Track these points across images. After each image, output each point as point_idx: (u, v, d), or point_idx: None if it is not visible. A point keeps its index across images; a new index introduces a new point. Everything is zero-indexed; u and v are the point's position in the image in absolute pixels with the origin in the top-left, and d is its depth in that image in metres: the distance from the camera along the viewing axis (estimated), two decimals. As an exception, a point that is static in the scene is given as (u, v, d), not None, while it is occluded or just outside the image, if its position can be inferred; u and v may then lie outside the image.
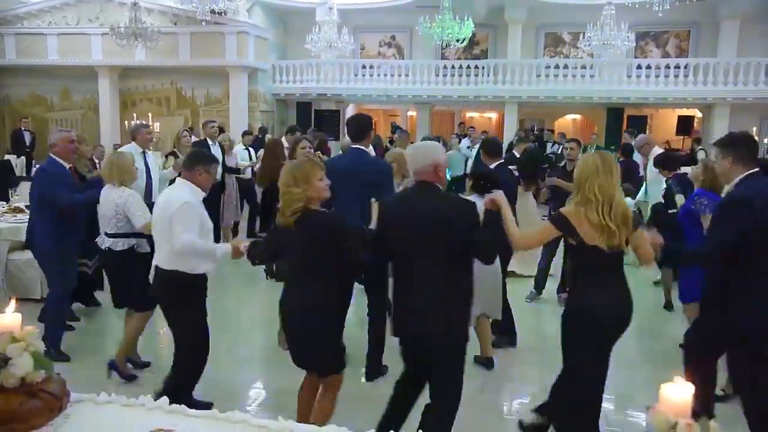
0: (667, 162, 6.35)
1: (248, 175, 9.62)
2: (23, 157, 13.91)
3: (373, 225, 3.38)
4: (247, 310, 6.68)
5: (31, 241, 5.03)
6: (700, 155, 12.01)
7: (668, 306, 6.32)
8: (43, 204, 4.77)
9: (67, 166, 4.88)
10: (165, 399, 2.25)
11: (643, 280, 6.72)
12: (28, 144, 14.55)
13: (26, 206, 7.15)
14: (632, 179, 7.94)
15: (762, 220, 3.09)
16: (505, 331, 5.20)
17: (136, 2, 13.74)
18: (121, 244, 4.37)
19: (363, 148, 4.56)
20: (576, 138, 8.35)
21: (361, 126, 4.61)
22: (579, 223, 2.98)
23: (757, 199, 3.13)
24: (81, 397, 2.25)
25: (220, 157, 7.47)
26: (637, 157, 8.78)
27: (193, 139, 9.07)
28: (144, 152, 6.28)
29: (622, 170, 4.24)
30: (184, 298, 3.70)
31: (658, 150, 7.78)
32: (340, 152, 8.67)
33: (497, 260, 4.24)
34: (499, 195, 3.10)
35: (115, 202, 4.32)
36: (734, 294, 3.21)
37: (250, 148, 10.05)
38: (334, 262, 3.12)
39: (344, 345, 3.35)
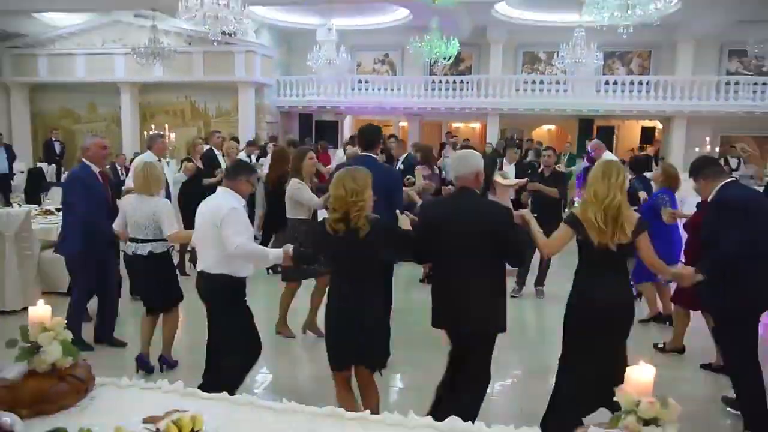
0: (635, 165, 6.65)
1: None
2: (54, 165, 13.90)
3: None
4: (250, 302, 6.68)
5: (60, 243, 4.93)
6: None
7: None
8: (70, 209, 4.72)
9: (98, 170, 4.80)
10: (180, 382, 2.26)
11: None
12: (58, 153, 14.52)
13: (57, 209, 7.18)
14: None
15: (762, 222, 3.43)
16: None
17: (155, 25, 13.71)
18: (161, 247, 4.28)
19: (373, 155, 4.46)
20: (552, 146, 8.40)
21: (372, 135, 4.52)
22: (584, 222, 3.07)
23: (750, 201, 3.55)
24: (104, 380, 2.26)
25: (223, 164, 7.34)
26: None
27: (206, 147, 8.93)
28: (160, 160, 6.20)
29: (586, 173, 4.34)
30: (230, 299, 3.60)
31: (609, 154, 8.24)
32: (344, 160, 8.53)
33: None
34: (526, 212, 3.31)
35: (153, 211, 4.17)
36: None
37: (251, 156, 9.67)
38: (388, 263, 3.11)
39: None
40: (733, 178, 3.72)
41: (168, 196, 6.15)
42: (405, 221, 3.33)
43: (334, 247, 3.06)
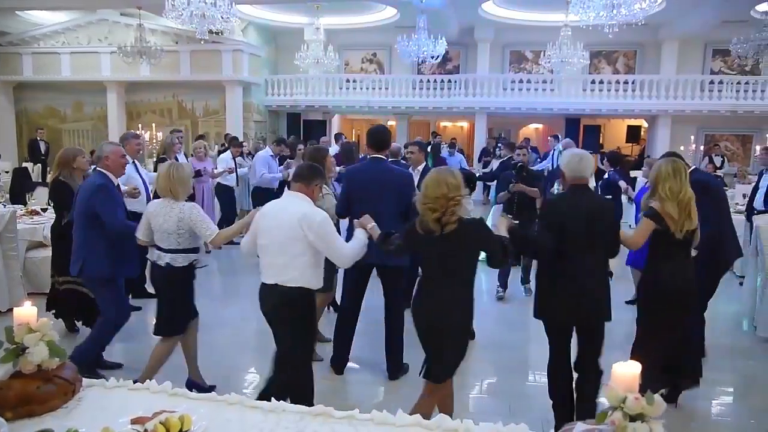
0: (612, 159, 7.56)
1: (231, 182, 9.00)
2: (39, 165, 13.76)
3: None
4: (242, 302, 6.66)
5: (81, 269, 4.06)
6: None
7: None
8: (93, 223, 3.98)
9: (116, 181, 4.26)
10: (168, 383, 2.25)
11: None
12: (43, 152, 14.38)
13: (43, 209, 7.11)
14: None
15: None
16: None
17: (141, 24, 13.61)
18: (181, 260, 3.75)
19: (383, 157, 4.43)
20: (524, 145, 8.59)
21: (382, 137, 4.48)
22: (663, 215, 3.32)
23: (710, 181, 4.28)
24: (92, 381, 2.25)
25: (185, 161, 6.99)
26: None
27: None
28: (134, 162, 5.75)
29: None
30: (304, 314, 3.29)
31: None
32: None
33: None
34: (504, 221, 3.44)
35: (178, 217, 3.68)
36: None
37: (240, 157, 9.37)
38: (476, 266, 3.08)
39: None
40: (695, 166, 4.06)
41: (148, 199, 5.99)
42: (502, 222, 3.37)
43: (425, 247, 3.04)
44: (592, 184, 8.33)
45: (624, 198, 7.27)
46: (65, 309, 5.11)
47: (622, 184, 6.75)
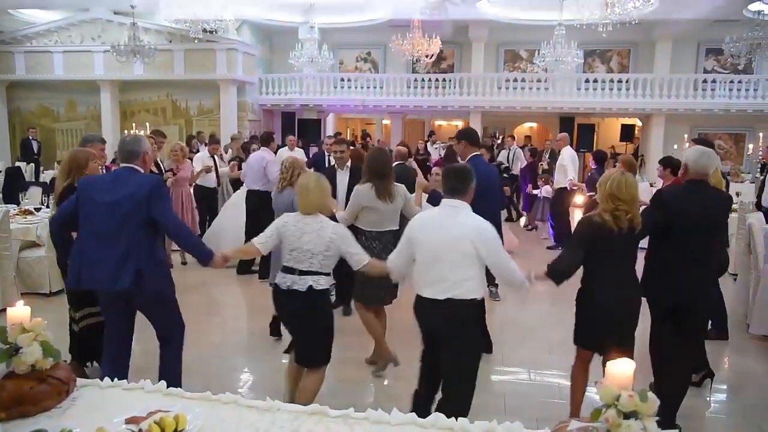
0: (601, 158, 8.06)
1: (211, 183, 8.37)
2: (32, 164, 13.70)
3: None
4: (236, 304, 6.66)
5: (136, 285, 3.19)
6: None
7: None
8: (152, 228, 3.29)
9: None
10: (163, 383, 2.24)
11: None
12: (36, 152, 14.31)
13: (36, 209, 7.07)
14: None
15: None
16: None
17: (135, 22, 13.56)
18: (323, 282, 3.33)
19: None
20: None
21: (476, 135, 4.92)
22: None
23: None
24: (86, 381, 2.24)
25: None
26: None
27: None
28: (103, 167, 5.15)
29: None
30: (476, 326, 3.21)
31: (569, 149, 9.22)
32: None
33: None
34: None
35: (329, 237, 3.27)
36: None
37: (215, 156, 8.71)
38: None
39: None
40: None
41: None
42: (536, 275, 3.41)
43: (611, 243, 3.24)
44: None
45: None
46: (86, 351, 4.15)
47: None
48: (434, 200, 4.50)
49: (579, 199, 8.51)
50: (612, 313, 3.27)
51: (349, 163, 5.65)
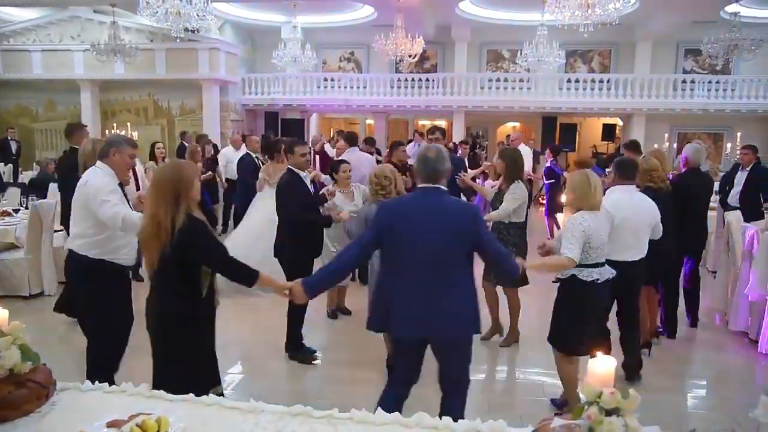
0: (555, 151, 10.09)
1: None
2: (10, 165, 13.47)
3: None
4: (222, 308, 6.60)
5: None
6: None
7: None
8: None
9: None
10: (144, 385, 2.22)
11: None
12: (14, 152, 14.07)
13: (15, 210, 6.96)
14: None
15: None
16: None
17: (115, 21, 13.39)
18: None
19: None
20: (466, 141, 9.95)
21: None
22: None
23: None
24: (66, 385, 2.21)
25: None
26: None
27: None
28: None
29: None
30: None
31: (524, 146, 10.35)
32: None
33: None
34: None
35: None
36: None
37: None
38: None
39: None
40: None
41: None
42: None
43: None
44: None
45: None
46: None
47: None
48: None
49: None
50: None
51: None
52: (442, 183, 2.91)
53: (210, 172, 8.55)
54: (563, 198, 6.68)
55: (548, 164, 9.97)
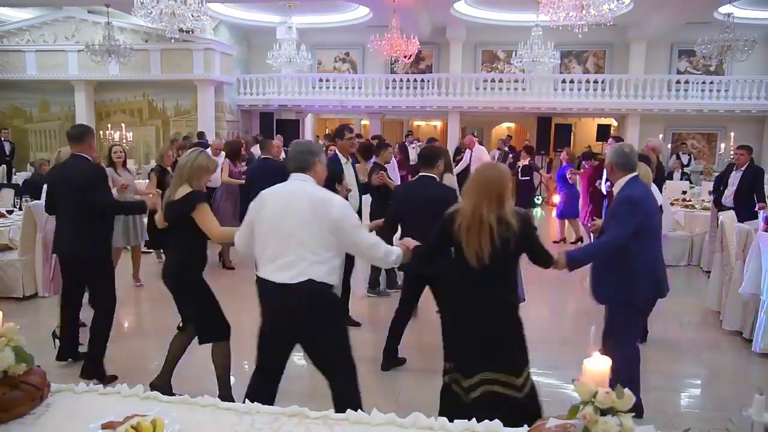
0: (530, 151, 11.10)
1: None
2: (4, 166, 13.41)
3: None
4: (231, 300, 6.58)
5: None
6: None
7: None
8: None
9: None
10: (140, 386, 2.22)
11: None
12: (8, 153, 14.00)
13: (8, 211, 6.92)
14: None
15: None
16: None
17: (110, 22, 13.35)
18: None
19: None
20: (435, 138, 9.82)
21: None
22: None
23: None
24: (60, 387, 2.20)
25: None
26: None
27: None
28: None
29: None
30: None
31: (480, 147, 11.44)
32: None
33: None
34: None
35: None
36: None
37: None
38: None
39: None
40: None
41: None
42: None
43: None
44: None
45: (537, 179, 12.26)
46: None
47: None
48: None
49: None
50: None
51: None
52: None
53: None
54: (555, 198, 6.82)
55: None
